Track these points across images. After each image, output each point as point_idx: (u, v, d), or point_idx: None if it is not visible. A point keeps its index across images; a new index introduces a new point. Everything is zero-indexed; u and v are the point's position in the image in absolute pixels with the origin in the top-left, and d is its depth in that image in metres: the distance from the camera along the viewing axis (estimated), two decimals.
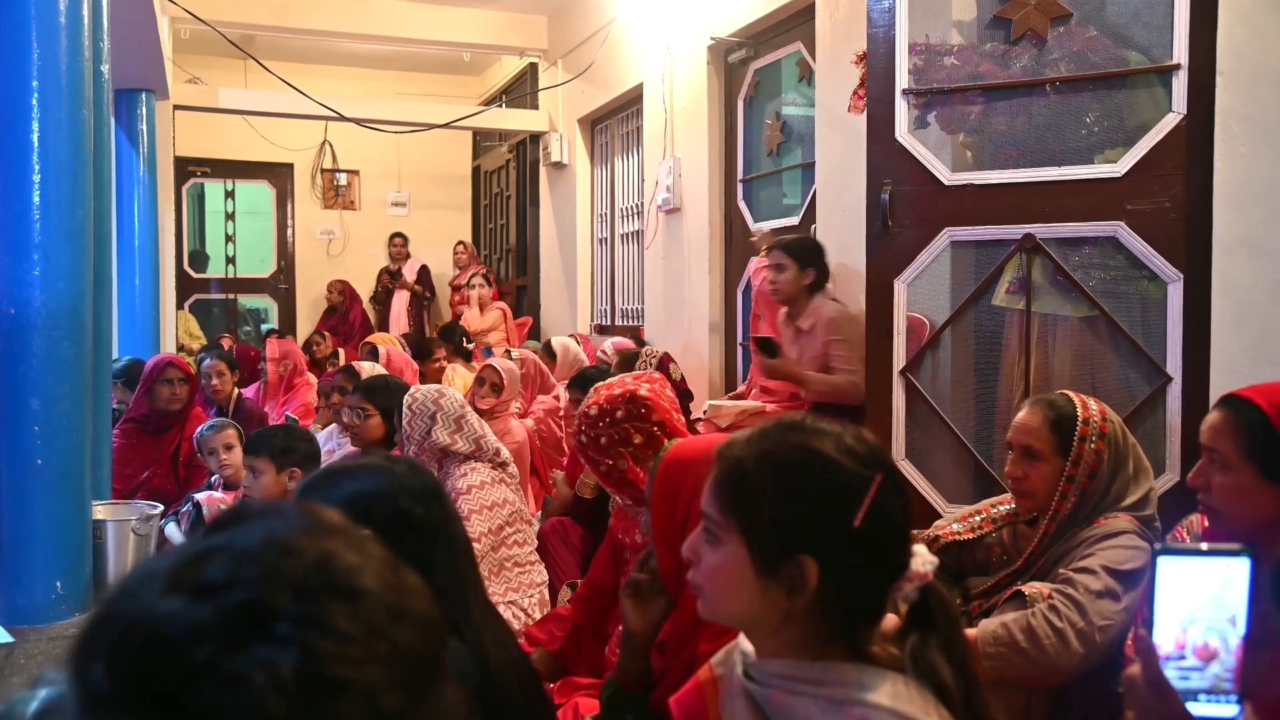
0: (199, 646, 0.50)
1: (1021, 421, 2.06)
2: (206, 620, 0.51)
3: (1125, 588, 1.85)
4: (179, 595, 0.52)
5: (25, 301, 2.36)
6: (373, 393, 3.16)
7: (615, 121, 6.84)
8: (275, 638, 0.51)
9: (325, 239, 9.57)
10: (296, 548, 0.55)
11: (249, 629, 0.51)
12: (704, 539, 1.05)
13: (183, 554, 0.55)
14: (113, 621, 0.53)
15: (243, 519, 0.58)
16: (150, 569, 0.55)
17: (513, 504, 2.84)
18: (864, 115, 3.02)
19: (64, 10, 2.41)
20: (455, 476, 2.82)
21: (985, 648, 1.82)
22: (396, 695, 0.53)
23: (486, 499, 2.77)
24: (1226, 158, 2.40)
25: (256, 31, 7.08)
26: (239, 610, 0.51)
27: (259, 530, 0.57)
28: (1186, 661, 1.05)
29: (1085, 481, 1.97)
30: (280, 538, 0.56)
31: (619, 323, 6.78)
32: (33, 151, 2.37)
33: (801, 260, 3.54)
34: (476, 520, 2.71)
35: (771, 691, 1.03)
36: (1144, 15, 2.62)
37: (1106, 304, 2.65)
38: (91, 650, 0.52)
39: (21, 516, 2.37)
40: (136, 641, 0.51)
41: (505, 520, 2.78)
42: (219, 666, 0.50)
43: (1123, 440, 2.01)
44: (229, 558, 0.54)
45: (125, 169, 5.86)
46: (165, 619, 0.51)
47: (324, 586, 0.54)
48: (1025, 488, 2.03)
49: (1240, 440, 1.56)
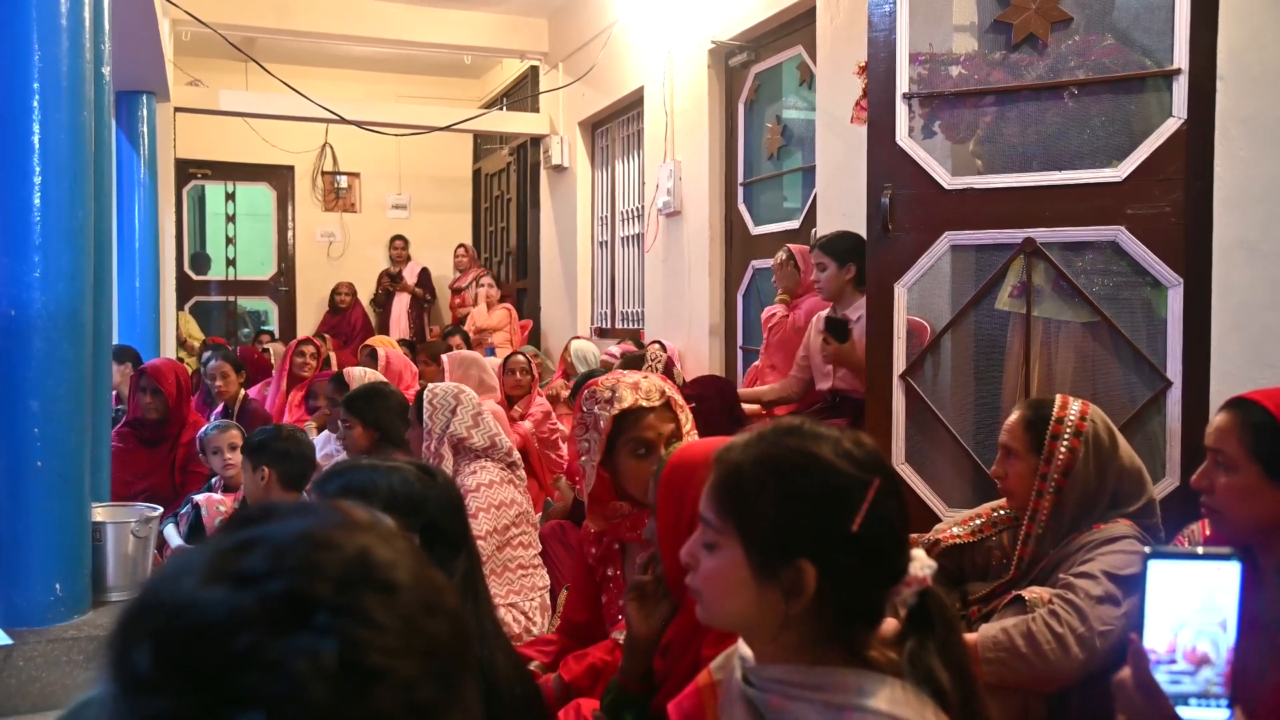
0: (242, 633, 0.51)
1: (1006, 421, 2.12)
2: (249, 608, 0.52)
3: (1125, 593, 1.85)
4: (221, 584, 0.53)
5: (25, 303, 2.36)
6: (353, 404, 3.18)
7: (616, 124, 6.85)
8: (316, 627, 0.52)
9: (326, 241, 9.58)
10: (334, 541, 0.57)
11: (290, 618, 0.52)
12: (702, 543, 1.05)
13: (221, 545, 0.56)
14: (156, 607, 0.54)
15: (275, 515, 0.60)
16: (190, 558, 0.56)
17: (520, 505, 2.84)
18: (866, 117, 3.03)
19: (65, 12, 2.41)
20: (465, 474, 2.82)
21: (985, 653, 1.82)
22: (431, 687, 0.54)
23: (494, 498, 2.78)
24: (1226, 162, 2.40)
25: (257, 34, 7.09)
26: (281, 599, 0.53)
27: (296, 524, 0.58)
28: (1177, 665, 1.05)
29: (1059, 479, 1.98)
30: (317, 531, 0.57)
31: (619, 326, 6.79)
32: (33, 153, 2.37)
33: (840, 257, 3.53)
34: (483, 518, 2.72)
35: (770, 697, 1.03)
36: (1144, 20, 2.62)
37: (1107, 308, 2.65)
38: (134, 634, 0.53)
39: (20, 518, 2.37)
40: (180, 627, 0.52)
41: (511, 520, 2.78)
42: (261, 653, 0.51)
43: (1108, 441, 2.01)
44: (269, 549, 0.55)
45: (126, 171, 5.86)
46: (209, 605, 0.52)
47: (362, 579, 0.55)
48: (1005, 486, 2.09)
49: (1246, 441, 1.57)
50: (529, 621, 2.70)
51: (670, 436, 1.90)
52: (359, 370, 4.15)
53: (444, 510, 1.42)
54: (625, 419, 1.90)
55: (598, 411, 1.93)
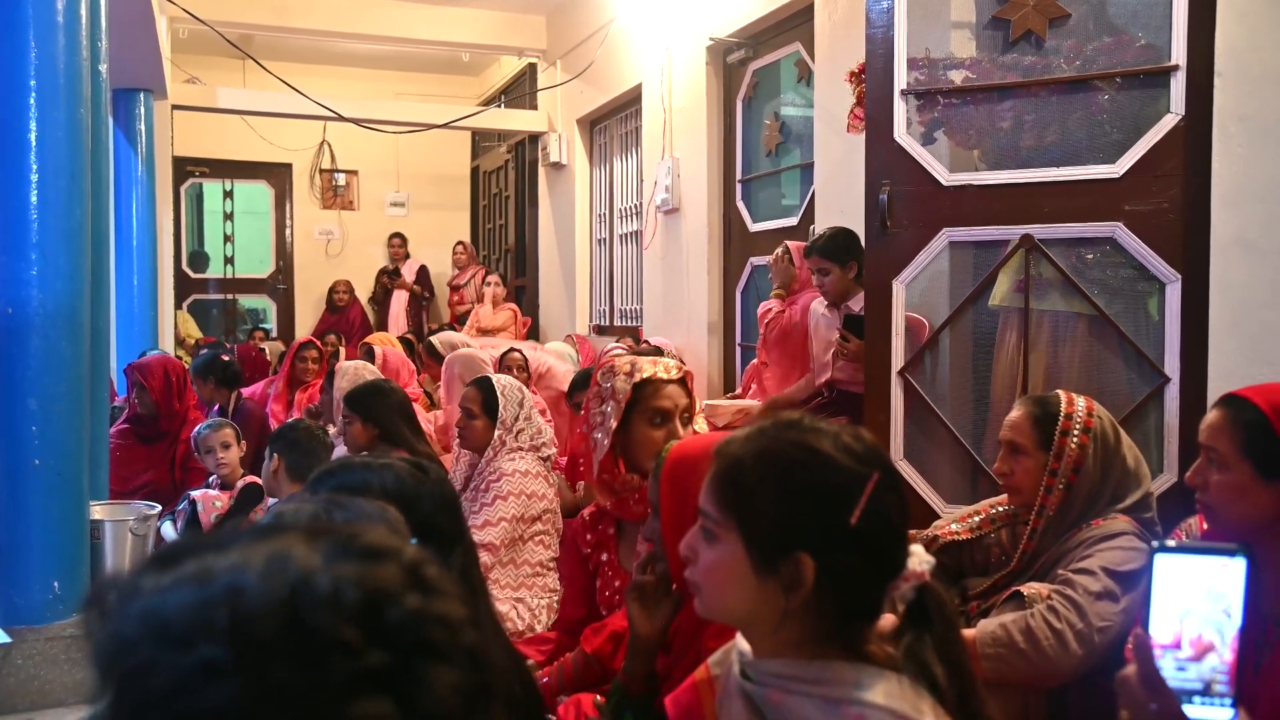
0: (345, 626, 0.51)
1: (1009, 418, 2.11)
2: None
3: (1124, 589, 1.85)
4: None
5: (23, 301, 2.36)
6: (352, 401, 3.20)
7: (614, 122, 6.84)
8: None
9: (324, 239, 9.57)
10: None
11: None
12: (701, 537, 1.06)
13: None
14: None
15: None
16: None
17: (549, 501, 2.85)
18: (863, 125, 3.02)
19: (62, 9, 2.40)
20: (503, 458, 2.84)
21: (984, 648, 1.82)
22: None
23: (527, 487, 2.80)
24: (1224, 158, 2.41)
25: (255, 31, 7.08)
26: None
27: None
28: (1183, 662, 1.05)
29: (1070, 476, 1.98)
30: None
31: (617, 323, 6.78)
32: (30, 151, 2.37)
33: (841, 259, 3.51)
34: (512, 502, 2.74)
35: (768, 691, 1.03)
36: (1142, 16, 2.62)
37: (1105, 305, 2.65)
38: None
39: (19, 517, 2.37)
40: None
41: (538, 515, 2.79)
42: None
43: (1113, 438, 2.02)
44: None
45: (123, 169, 5.85)
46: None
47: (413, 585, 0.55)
48: (1012, 483, 2.08)
49: (1238, 439, 1.56)
50: (534, 619, 2.70)
51: (685, 410, 1.95)
52: (350, 365, 4.17)
53: (438, 507, 1.42)
54: (643, 388, 1.96)
55: (618, 384, 1.98)
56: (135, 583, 0.53)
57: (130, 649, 0.50)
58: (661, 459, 1.54)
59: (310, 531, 0.55)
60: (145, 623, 0.50)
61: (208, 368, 4.40)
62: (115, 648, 0.51)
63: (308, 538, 0.54)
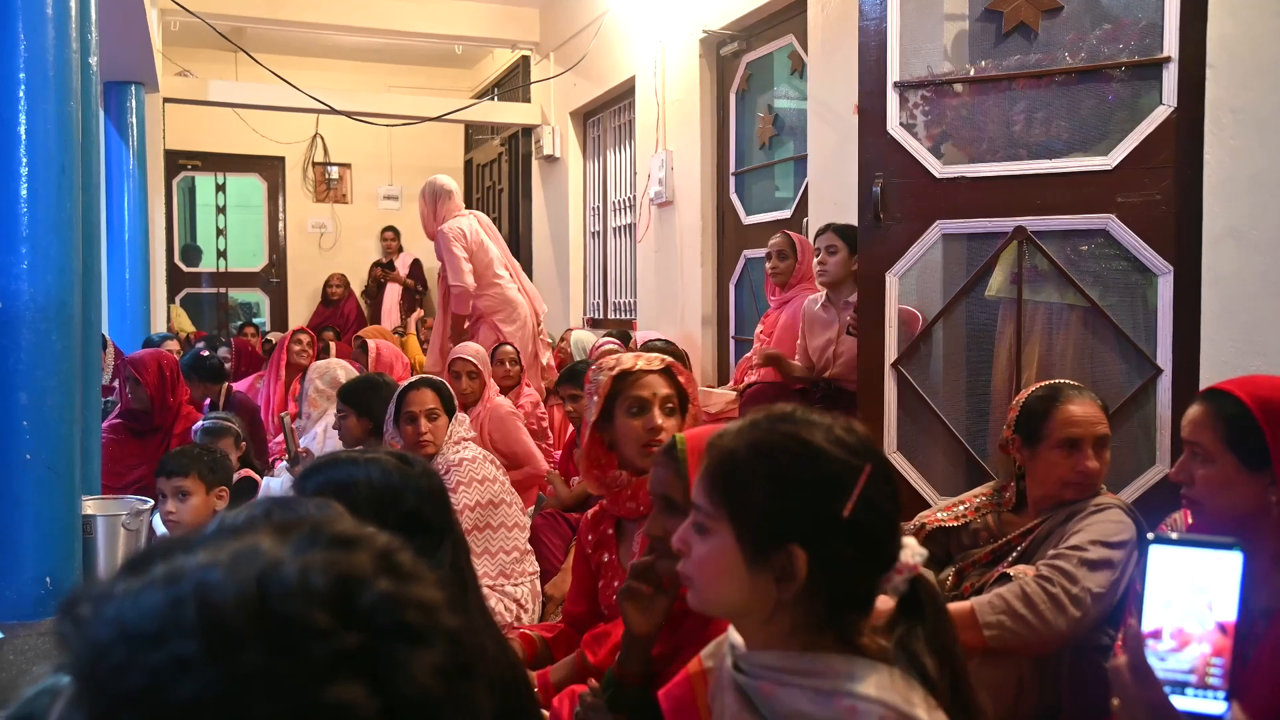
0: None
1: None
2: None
3: (1115, 556, 1.90)
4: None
5: (13, 294, 2.35)
6: (347, 395, 3.24)
7: (607, 114, 6.83)
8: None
9: (317, 232, 9.54)
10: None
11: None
12: (694, 529, 1.06)
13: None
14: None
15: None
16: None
17: (501, 482, 2.87)
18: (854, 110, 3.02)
19: (51, 1, 2.39)
20: (450, 450, 2.86)
21: (985, 617, 1.85)
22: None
23: (477, 473, 2.82)
24: (1216, 150, 2.41)
25: (247, 24, 7.05)
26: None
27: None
28: (1174, 653, 1.05)
29: None
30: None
31: (611, 316, 6.78)
32: (20, 144, 2.36)
33: (852, 244, 3.49)
34: (471, 490, 2.75)
35: (761, 683, 1.03)
36: (1135, 8, 2.62)
37: (1097, 296, 2.66)
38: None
39: (10, 511, 2.36)
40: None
41: (497, 499, 2.80)
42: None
43: None
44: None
45: (114, 162, 5.83)
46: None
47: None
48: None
49: (1220, 432, 1.57)
50: (520, 609, 2.70)
51: (666, 400, 1.94)
52: (322, 363, 4.28)
53: (425, 499, 1.39)
54: (623, 380, 1.96)
55: (599, 378, 2.00)
56: (107, 590, 0.52)
57: (103, 654, 0.50)
58: (660, 457, 1.52)
59: (279, 526, 0.55)
60: (117, 627, 0.50)
61: (190, 368, 4.39)
62: (89, 655, 0.50)
63: (276, 531, 0.54)
